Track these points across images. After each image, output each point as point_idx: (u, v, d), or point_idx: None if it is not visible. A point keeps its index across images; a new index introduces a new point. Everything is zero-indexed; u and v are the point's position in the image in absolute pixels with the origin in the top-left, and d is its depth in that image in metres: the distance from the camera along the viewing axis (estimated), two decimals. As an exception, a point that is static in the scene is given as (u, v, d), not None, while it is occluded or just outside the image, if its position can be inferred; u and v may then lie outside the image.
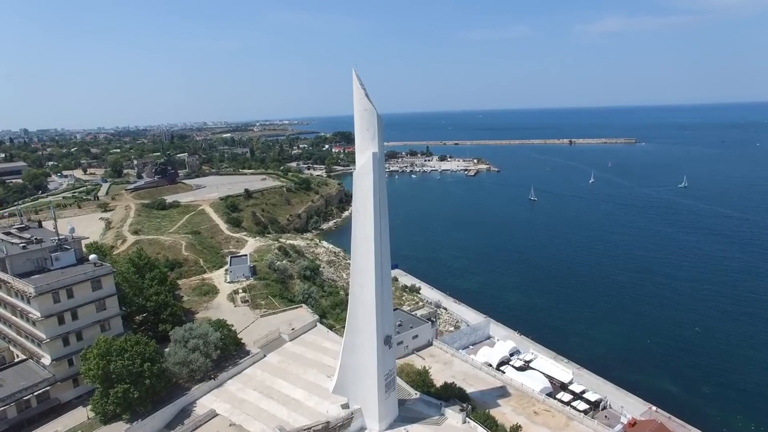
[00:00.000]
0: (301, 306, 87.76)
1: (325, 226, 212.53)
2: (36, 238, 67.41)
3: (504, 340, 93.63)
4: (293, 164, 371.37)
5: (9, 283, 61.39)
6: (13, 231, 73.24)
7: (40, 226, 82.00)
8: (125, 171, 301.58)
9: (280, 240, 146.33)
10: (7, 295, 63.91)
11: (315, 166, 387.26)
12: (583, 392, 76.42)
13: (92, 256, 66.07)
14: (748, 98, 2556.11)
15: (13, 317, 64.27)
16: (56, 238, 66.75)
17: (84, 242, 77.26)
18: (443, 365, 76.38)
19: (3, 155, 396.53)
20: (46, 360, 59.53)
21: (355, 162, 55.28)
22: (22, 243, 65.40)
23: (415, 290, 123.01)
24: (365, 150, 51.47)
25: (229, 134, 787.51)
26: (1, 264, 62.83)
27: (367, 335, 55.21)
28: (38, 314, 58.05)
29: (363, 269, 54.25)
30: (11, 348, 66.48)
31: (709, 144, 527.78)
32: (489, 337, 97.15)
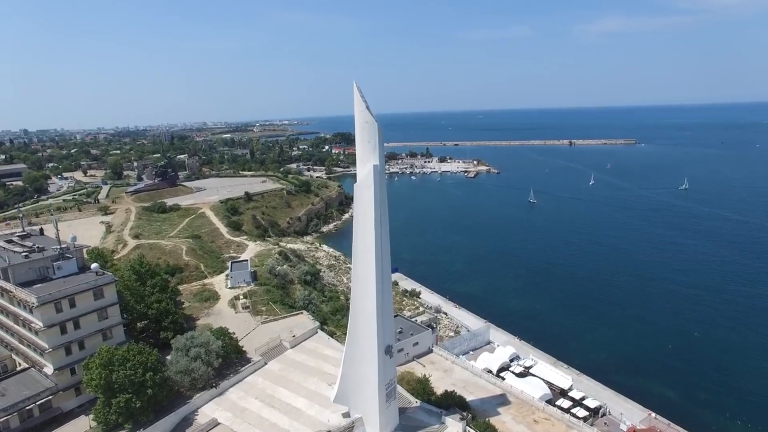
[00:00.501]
0: (301, 312, 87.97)
1: (325, 228, 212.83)
2: (38, 247, 67.61)
3: (504, 346, 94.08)
4: (293, 166, 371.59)
5: (11, 292, 61.66)
6: (14, 239, 73.47)
7: (42, 233, 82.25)
8: (125, 173, 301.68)
9: (281, 244, 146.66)
10: (9, 304, 64.18)
11: (315, 167, 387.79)
12: (583, 399, 76.87)
13: (94, 265, 66.29)
14: (748, 98, 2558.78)
15: (16, 326, 64.53)
16: (58, 246, 67.02)
17: (85, 249, 77.56)
18: (443, 372, 76.64)
19: (3, 157, 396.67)
20: (49, 369, 59.82)
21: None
22: (24, 252, 65.61)
23: (415, 295, 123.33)
24: (366, 162, 51.65)
25: (229, 135, 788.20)
26: (3, 273, 63.12)
27: (367, 345, 55.38)
28: (40, 324, 58.33)
29: (364, 280, 54.43)
30: (13, 356, 66.67)
31: (709, 145, 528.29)
32: (489, 343, 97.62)
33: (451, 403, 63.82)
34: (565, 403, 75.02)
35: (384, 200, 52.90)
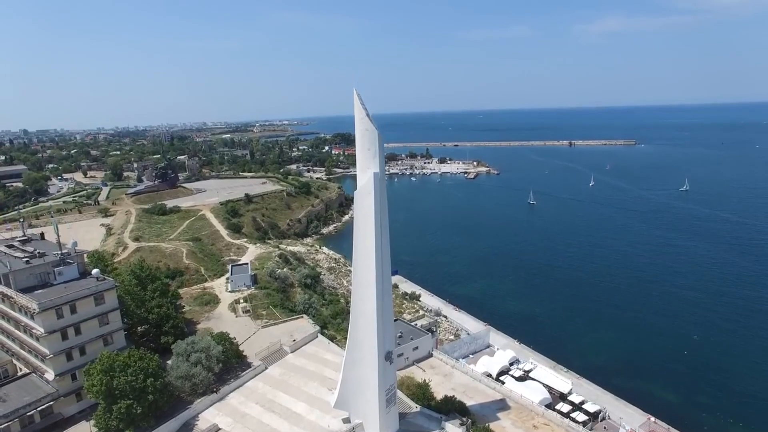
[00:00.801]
0: (302, 316, 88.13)
1: (325, 230, 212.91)
2: (39, 252, 67.72)
3: (504, 349, 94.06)
4: (293, 167, 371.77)
5: (12, 298, 61.77)
6: (15, 244, 73.64)
7: (43, 237, 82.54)
8: (125, 174, 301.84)
9: (281, 246, 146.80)
10: (10, 310, 64.30)
11: (315, 168, 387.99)
12: (582, 403, 76.85)
13: (95, 271, 66.46)
14: (748, 98, 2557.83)
15: (17, 331, 64.65)
16: (59, 252, 67.15)
17: (85, 254, 77.71)
18: (443, 377, 76.83)
19: (3, 158, 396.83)
20: (50, 375, 59.93)
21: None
22: (25, 257, 65.73)
23: (415, 297, 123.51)
24: (366, 169, 51.85)
25: (228, 135, 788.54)
26: (4, 279, 63.29)
27: (368, 351, 55.60)
28: (42, 330, 58.47)
29: (364, 285, 54.65)
30: (14, 361, 66.84)
31: (709, 145, 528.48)
32: (489, 346, 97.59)
33: (451, 408, 63.99)
34: (565, 408, 75.02)
35: (384, 206, 53.11)
